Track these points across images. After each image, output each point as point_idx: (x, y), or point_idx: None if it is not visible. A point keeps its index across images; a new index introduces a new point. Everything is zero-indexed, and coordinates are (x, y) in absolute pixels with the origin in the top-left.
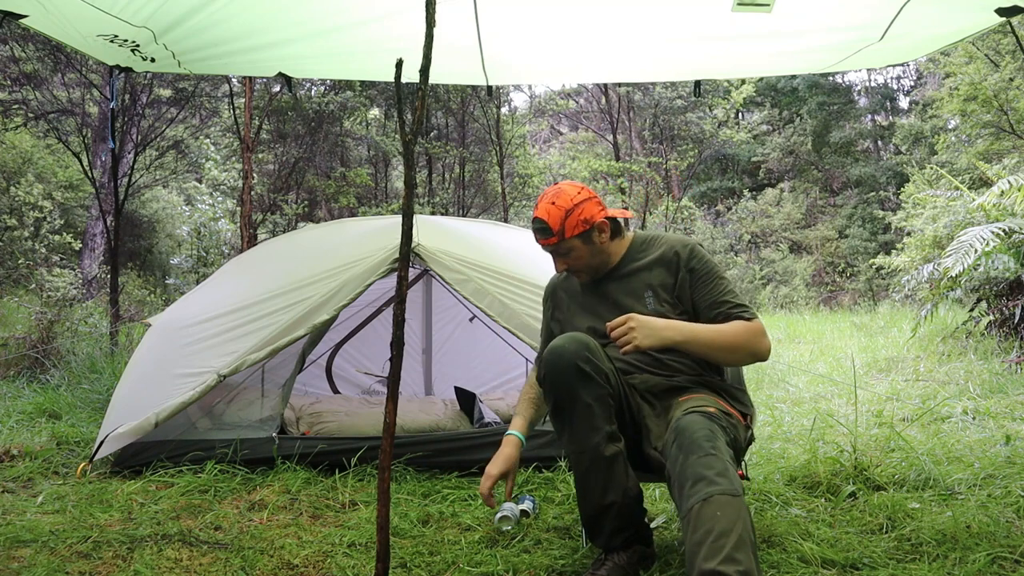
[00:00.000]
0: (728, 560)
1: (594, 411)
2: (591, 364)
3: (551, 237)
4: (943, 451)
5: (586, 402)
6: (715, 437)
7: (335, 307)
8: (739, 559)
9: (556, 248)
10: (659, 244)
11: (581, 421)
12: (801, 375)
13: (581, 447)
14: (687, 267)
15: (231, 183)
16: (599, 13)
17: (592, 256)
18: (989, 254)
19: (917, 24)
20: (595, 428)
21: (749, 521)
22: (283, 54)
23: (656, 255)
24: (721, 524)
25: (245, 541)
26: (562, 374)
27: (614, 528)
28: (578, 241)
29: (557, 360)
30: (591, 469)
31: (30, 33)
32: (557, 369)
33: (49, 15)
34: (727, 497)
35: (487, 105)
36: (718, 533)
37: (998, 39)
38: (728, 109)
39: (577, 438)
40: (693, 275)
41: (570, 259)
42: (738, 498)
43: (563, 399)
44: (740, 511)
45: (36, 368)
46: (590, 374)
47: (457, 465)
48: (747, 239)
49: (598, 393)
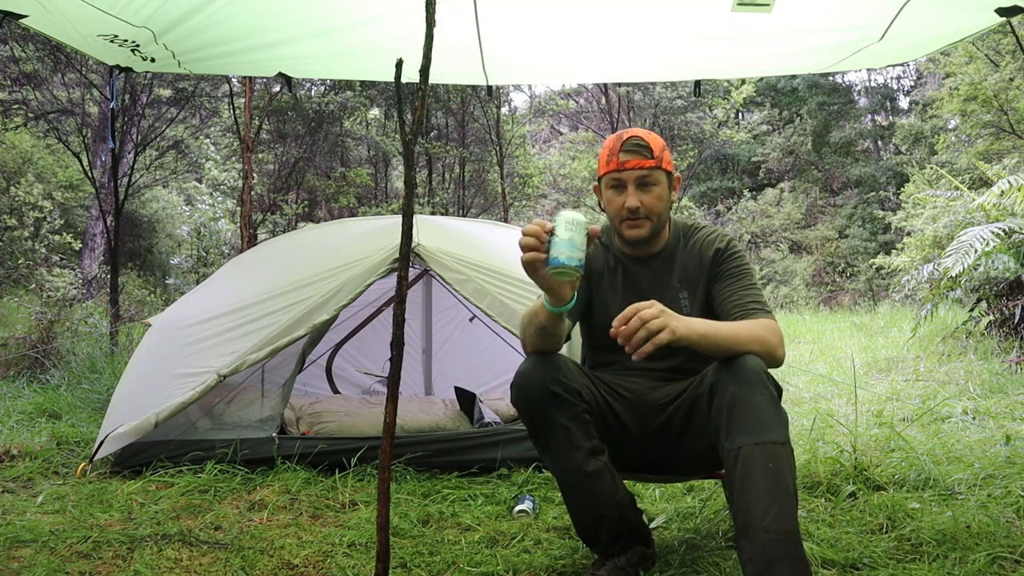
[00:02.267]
0: (794, 519)
1: (571, 431)
2: (562, 385)
3: (650, 158)
4: (943, 451)
5: (562, 424)
6: (770, 380)
7: (335, 307)
8: (796, 518)
9: (649, 173)
10: (696, 235)
11: (559, 442)
12: (801, 375)
13: (564, 467)
14: (721, 262)
15: (231, 183)
16: (599, 13)
17: (663, 203)
18: (989, 254)
19: (917, 24)
20: (575, 447)
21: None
22: (283, 54)
23: (692, 248)
24: (787, 480)
25: (245, 541)
26: (532, 400)
27: (611, 537)
28: (664, 176)
29: (526, 386)
30: (576, 487)
31: (30, 33)
32: (527, 396)
33: (49, 15)
34: (787, 450)
35: (487, 105)
36: (784, 490)
37: (998, 39)
38: (728, 109)
39: (558, 458)
40: (726, 271)
41: (651, 195)
42: (791, 452)
43: (538, 423)
44: (793, 465)
45: (36, 368)
46: (562, 395)
47: (457, 465)
48: (747, 239)
49: (573, 412)
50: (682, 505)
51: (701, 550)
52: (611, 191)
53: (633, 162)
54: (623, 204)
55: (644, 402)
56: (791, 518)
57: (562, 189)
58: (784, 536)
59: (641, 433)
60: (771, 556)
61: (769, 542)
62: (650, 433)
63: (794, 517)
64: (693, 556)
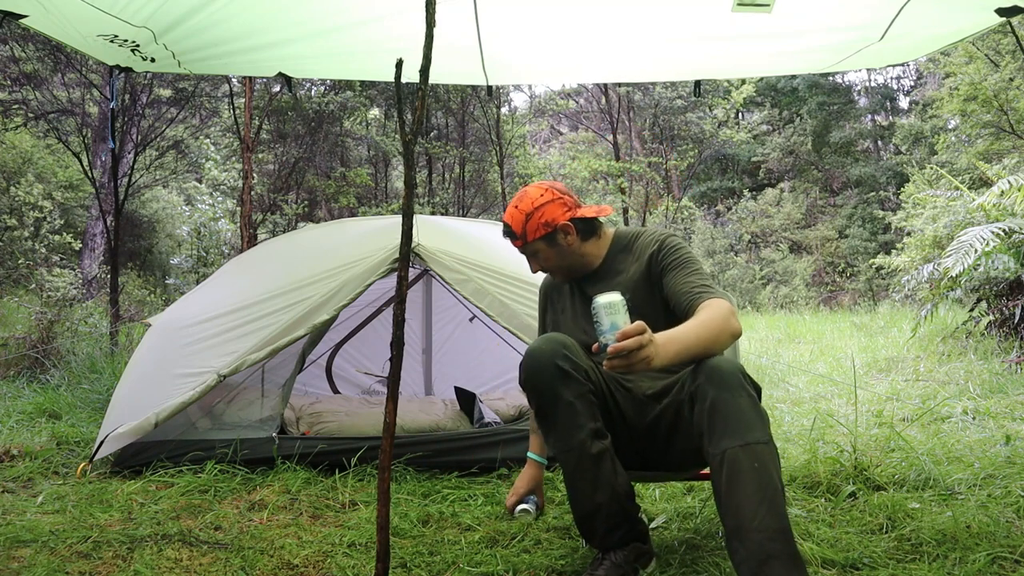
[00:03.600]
0: (784, 516)
1: (576, 408)
2: (569, 362)
3: (516, 240)
4: (943, 451)
5: (568, 400)
6: (748, 381)
7: (335, 307)
8: (786, 515)
9: (523, 251)
10: (637, 240)
11: (564, 420)
12: (801, 375)
13: (567, 445)
14: (661, 260)
15: (231, 183)
16: (599, 13)
17: (561, 258)
18: (989, 254)
19: (917, 24)
20: (579, 426)
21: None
22: (283, 54)
23: (635, 253)
24: (773, 478)
25: (245, 541)
26: (541, 375)
27: (607, 527)
28: (542, 244)
29: (535, 362)
30: (578, 468)
31: (30, 33)
32: (535, 371)
33: (49, 15)
34: (771, 448)
35: (487, 105)
36: (771, 488)
37: (998, 39)
38: (728, 109)
39: (562, 437)
40: (667, 266)
41: (539, 260)
42: (775, 449)
43: (545, 400)
44: (778, 463)
45: (36, 368)
46: (569, 372)
47: (457, 465)
48: (747, 239)
49: (579, 391)
50: (682, 505)
51: (701, 550)
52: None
53: (512, 243)
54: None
55: (642, 395)
56: (781, 515)
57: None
58: (775, 534)
59: (637, 426)
60: (764, 555)
61: (762, 541)
62: (644, 427)
63: (784, 514)
64: (693, 556)
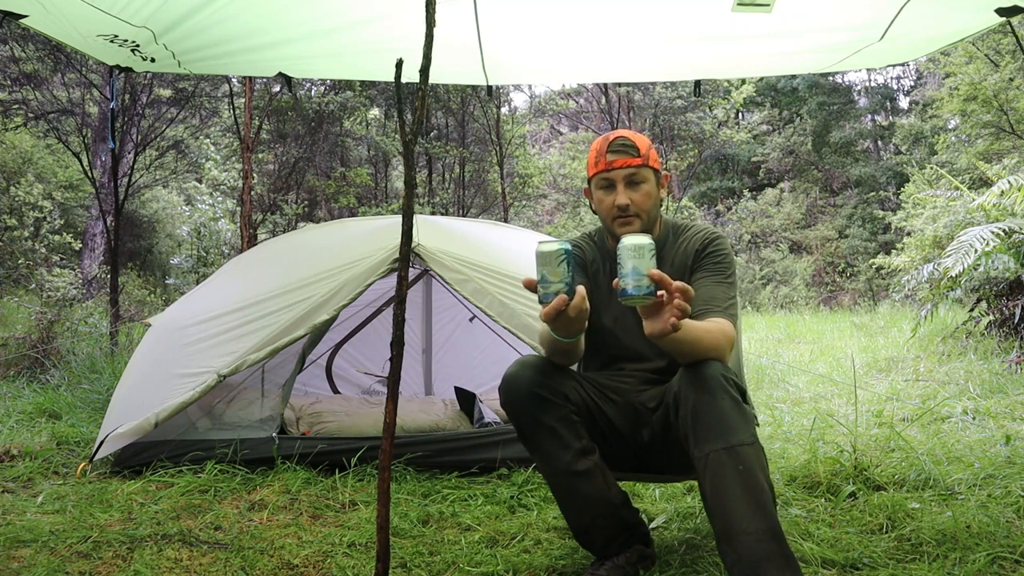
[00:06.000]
0: (772, 516)
1: (559, 432)
2: (547, 388)
3: (635, 156)
4: (943, 451)
5: (549, 425)
6: (731, 383)
7: (335, 307)
8: (775, 513)
9: (636, 171)
10: (686, 232)
11: (548, 444)
12: (801, 375)
13: (552, 469)
14: (703, 257)
15: (231, 183)
16: (599, 13)
17: (652, 201)
18: (989, 254)
19: (917, 24)
20: (564, 447)
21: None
22: (283, 54)
23: (680, 244)
24: (759, 479)
25: (245, 541)
26: (519, 404)
27: (606, 538)
28: (651, 174)
29: (512, 391)
30: (566, 488)
31: (30, 33)
32: (513, 400)
33: (49, 15)
34: (755, 449)
35: (487, 105)
36: (758, 489)
37: (998, 39)
38: (728, 109)
39: (546, 460)
40: (704, 266)
41: (639, 193)
42: (761, 449)
43: (525, 426)
44: (764, 463)
45: (36, 368)
46: (547, 398)
47: (457, 465)
48: (747, 239)
49: (559, 414)
50: (682, 505)
51: (701, 550)
52: (601, 191)
53: (620, 161)
54: (613, 203)
55: (631, 404)
56: (769, 515)
57: (562, 189)
58: (764, 535)
59: (630, 434)
60: (755, 557)
61: (751, 544)
62: (638, 434)
63: (772, 513)
64: (693, 556)
